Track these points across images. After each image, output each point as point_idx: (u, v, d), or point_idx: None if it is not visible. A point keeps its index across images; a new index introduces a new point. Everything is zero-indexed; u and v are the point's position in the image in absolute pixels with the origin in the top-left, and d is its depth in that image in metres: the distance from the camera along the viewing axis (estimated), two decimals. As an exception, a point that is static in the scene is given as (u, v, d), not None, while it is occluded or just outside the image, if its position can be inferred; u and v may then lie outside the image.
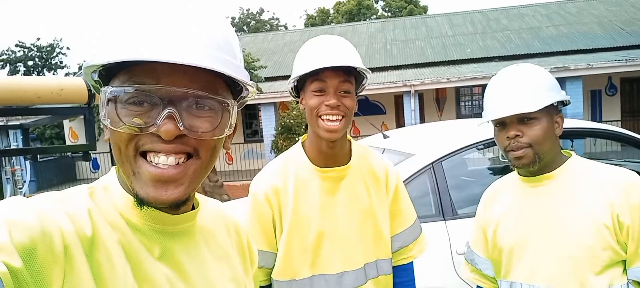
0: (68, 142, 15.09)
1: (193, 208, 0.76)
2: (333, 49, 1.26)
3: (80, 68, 25.94)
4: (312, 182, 1.36)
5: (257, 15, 34.03)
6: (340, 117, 1.26)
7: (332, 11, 32.59)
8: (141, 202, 0.62)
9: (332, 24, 28.28)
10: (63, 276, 0.53)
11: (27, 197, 0.60)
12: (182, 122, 0.61)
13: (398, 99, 13.77)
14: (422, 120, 13.63)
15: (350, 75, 1.27)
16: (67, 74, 29.08)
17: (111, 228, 0.63)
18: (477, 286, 1.61)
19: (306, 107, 1.30)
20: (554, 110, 1.34)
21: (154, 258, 0.66)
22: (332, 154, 1.35)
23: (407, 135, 3.61)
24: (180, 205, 0.66)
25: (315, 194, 1.35)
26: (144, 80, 0.60)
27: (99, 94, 0.64)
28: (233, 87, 0.70)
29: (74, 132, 15.17)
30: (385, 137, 3.44)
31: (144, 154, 0.62)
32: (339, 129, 1.26)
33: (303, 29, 21.84)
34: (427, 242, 1.55)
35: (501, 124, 1.36)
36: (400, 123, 14.04)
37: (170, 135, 0.60)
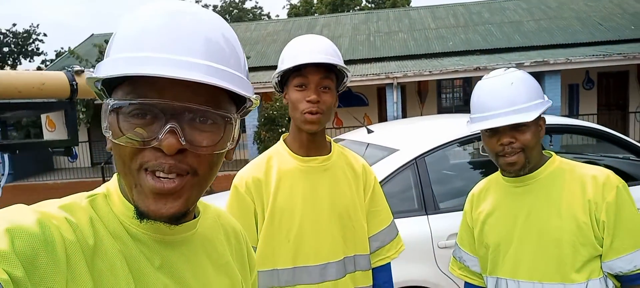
0: (45, 131, 14.70)
1: (195, 216, 0.76)
2: (316, 47, 1.33)
3: (57, 55, 25.32)
4: (294, 172, 1.41)
5: (240, 4, 33.57)
6: (320, 112, 1.32)
7: (315, 1, 32.37)
8: (141, 215, 0.62)
9: (315, 15, 28.13)
10: (65, 285, 0.53)
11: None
12: (184, 137, 0.60)
13: (381, 91, 13.83)
14: (404, 112, 13.72)
15: (331, 72, 1.35)
16: (43, 61, 28.40)
17: (112, 238, 0.63)
18: (465, 282, 1.67)
19: (289, 101, 1.36)
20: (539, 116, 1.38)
21: (154, 269, 0.66)
22: (313, 145, 1.42)
23: (391, 130, 3.64)
24: (180, 218, 0.66)
25: (297, 184, 1.39)
26: (147, 93, 0.59)
27: (103, 101, 0.63)
28: (236, 97, 0.69)
29: (51, 120, 14.69)
30: (369, 131, 3.47)
31: (146, 168, 0.62)
32: (319, 121, 1.33)
33: (286, 19, 21.63)
34: (404, 244, 1.61)
35: (492, 130, 1.38)
36: (382, 115, 14.11)
37: (172, 150, 0.59)
